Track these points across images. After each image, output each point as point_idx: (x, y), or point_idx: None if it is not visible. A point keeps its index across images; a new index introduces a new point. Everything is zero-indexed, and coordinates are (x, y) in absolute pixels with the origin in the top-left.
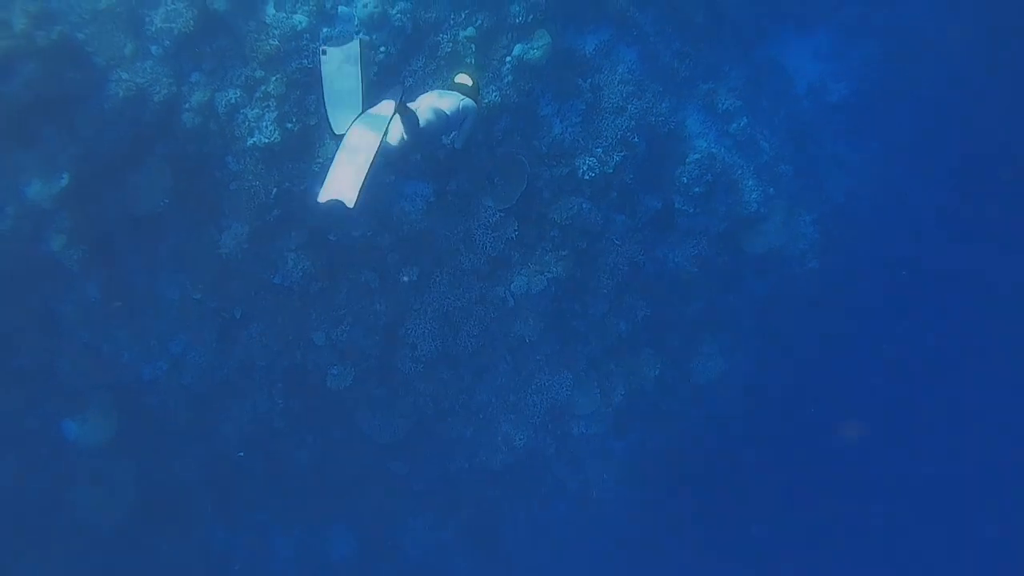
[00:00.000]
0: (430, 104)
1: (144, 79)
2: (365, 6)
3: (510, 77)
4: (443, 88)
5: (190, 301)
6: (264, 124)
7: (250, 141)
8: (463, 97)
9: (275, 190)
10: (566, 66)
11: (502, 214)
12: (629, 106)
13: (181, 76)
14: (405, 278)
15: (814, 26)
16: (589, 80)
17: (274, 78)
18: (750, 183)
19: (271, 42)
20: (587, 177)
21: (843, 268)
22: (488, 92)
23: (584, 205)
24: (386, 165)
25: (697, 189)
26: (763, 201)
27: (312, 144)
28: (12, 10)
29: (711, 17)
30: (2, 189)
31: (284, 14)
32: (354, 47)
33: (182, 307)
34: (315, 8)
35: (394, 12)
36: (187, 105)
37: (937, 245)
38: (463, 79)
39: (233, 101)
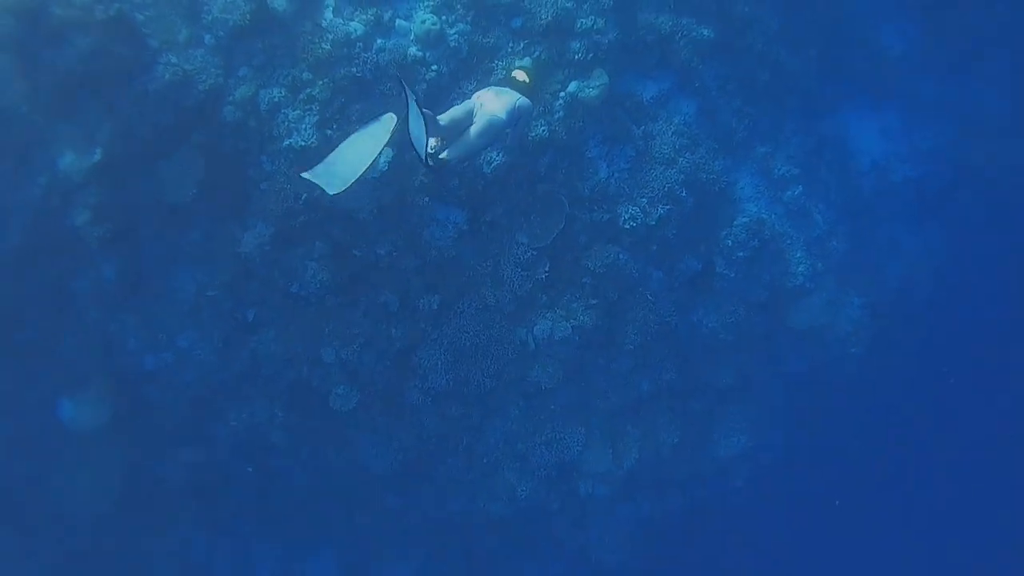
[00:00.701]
0: (487, 109)
1: (192, 66)
2: (423, 22)
3: (561, 113)
4: (499, 85)
5: (204, 297)
6: (304, 127)
7: (287, 142)
8: (519, 96)
9: (304, 196)
10: (621, 109)
11: (535, 253)
12: (681, 159)
13: (229, 68)
14: (426, 305)
15: (884, 103)
16: (643, 127)
17: (321, 82)
18: (798, 254)
19: (323, 46)
20: (628, 226)
21: (888, 361)
22: (536, 126)
23: (621, 255)
24: (420, 189)
25: (741, 253)
26: (810, 275)
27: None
28: None
29: (776, 78)
30: (38, 158)
31: (341, 20)
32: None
33: (195, 302)
34: (373, 18)
35: (452, 32)
36: (231, 98)
37: (994, 357)
38: (519, 75)
39: (276, 100)
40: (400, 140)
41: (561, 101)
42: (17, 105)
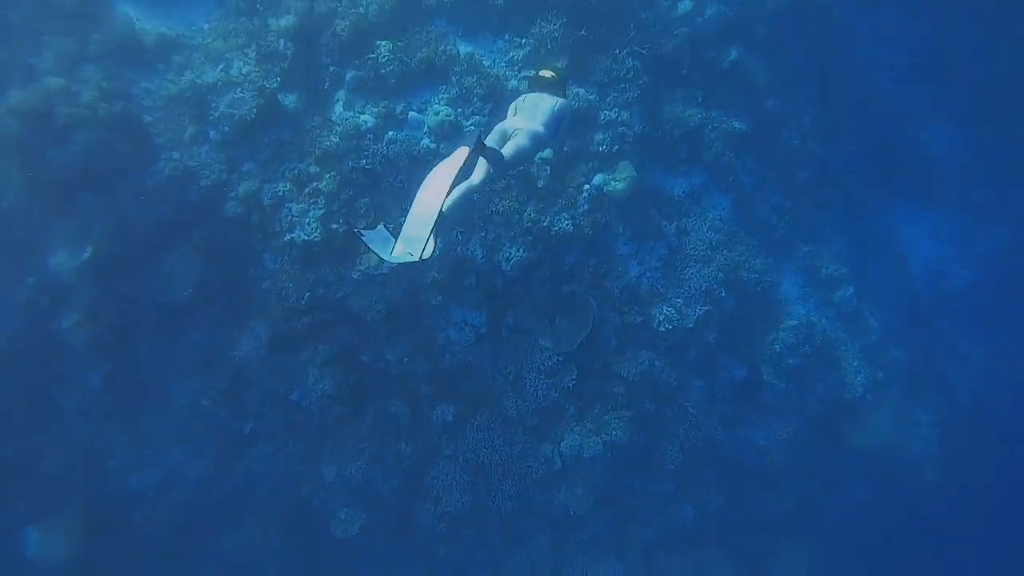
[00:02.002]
0: (525, 126)
1: (196, 162)
2: (437, 114)
3: (586, 207)
4: (528, 90)
5: (198, 407)
6: (307, 220)
7: (289, 236)
8: (556, 99)
9: (308, 294)
10: (650, 204)
11: (561, 359)
12: (718, 256)
13: (234, 163)
14: (440, 417)
15: (934, 204)
16: (675, 223)
17: (328, 175)
18: (855, 363)
19: (331, 139)
20: (663, 330)
21: (968, 489)
22: (559, 219)
23: (657, 362)
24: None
25: (791, 361)
26: (870, 387)
27: (355, 250)
28: (87, 83)
29: (815, 174)
30: (32, 256)
31: (352, 113)
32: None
33: (188, 413)
34: (384, 110)
35: (468, 124)
36: (233, 193)
37: None
38: (547, 73)
39: (280, 194)
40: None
41: (586, 194)
42: (16, 204)
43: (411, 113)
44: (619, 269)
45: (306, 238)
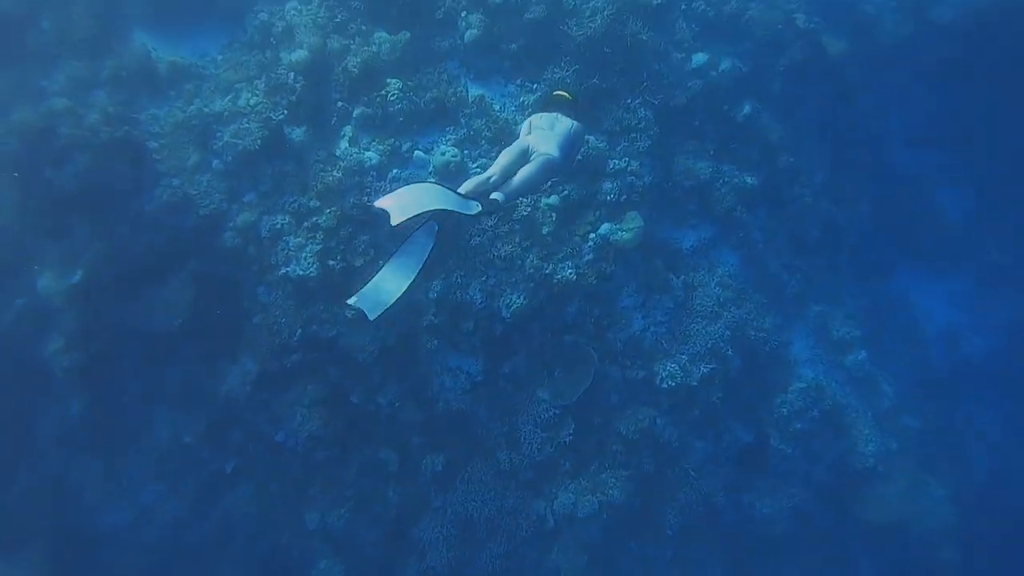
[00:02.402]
0: (541, 150)
1: (196, 190)
2: (443, 154)
3: (591, 256)
4: (543, 110)
5: (179, 443)
6: (304, 255)
7: (284, 270)
8: (571, 122)
9: (300, 331)
10: (657, 257)
11: (558, 412)
12: (726, 313)
13: (235, 194)
14: (429, 466)
15: (949, 269)
16: (683, 277)
17: (328, 210)
18: (866, 431)
19: (334, 174)
20: (666, 387)
21: (986, 571)
22: (563, 267)
23: (658, 420)
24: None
25: (799, 425)
26: (882, 456)
27: (352, 289)
28: (92, 106)
29: (828, 234)
30: (20, 278)
31: (357, 149)
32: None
33: (168, 448)
34: (390, 148)
35: (474, 166)
36: (232, 224)
37: None
38: (562, 94)
39: (279, 227)
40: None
41: (591, 243)
42: (9, 223)
43: (417, 152)
44: (623, 322)
45: (302, 273)
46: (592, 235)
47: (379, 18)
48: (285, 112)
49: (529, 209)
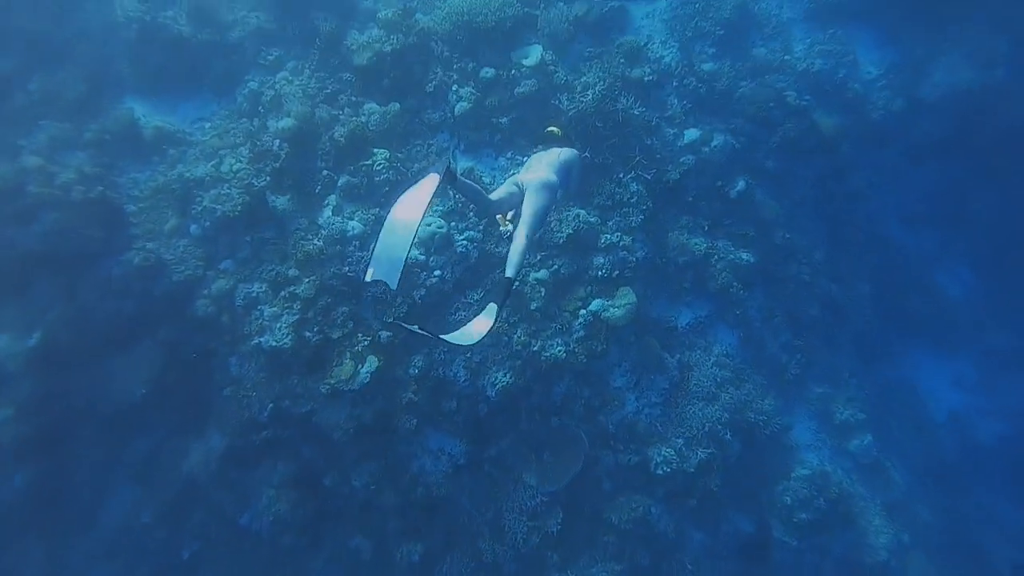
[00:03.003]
0: (534, 177)
1: (172, 255)
2: (429, 225)
3: (581, 333)
4: (536, 150)
5: (133, 523)
6: (279, 325)
7: (257, 340)
8: (562, 149)
9: (271, 406)
10: (651, 334)
11: (546, 499)
12: (724, 395)
13: (211, 260)
14: (406, 556)
15: (954, 350)
16: (678, 356)
17: (307, 280)
18: (876, 521)
19: (315, 242)
20: (661, 472)
21: None
22: (552, 345)
23: (653, 509)
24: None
25: (804, 515)
26: (895, 550)
27: (327, 362)
28: (68, 164)
29: (829, 313)
30: None
31: (340, 218)
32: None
33: (123, 529)
34: (374, 218)
35: (460, 238)
36: (206, 291)
37: None
38: (553, 129)
39: (255, 295)
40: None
41: (581, 320)
42: None
43: None
44: (615, 403)
45: (275, 344)
46: (583, 311)
47: (370, 90)
48: (268, 179)
49: (517, 284)
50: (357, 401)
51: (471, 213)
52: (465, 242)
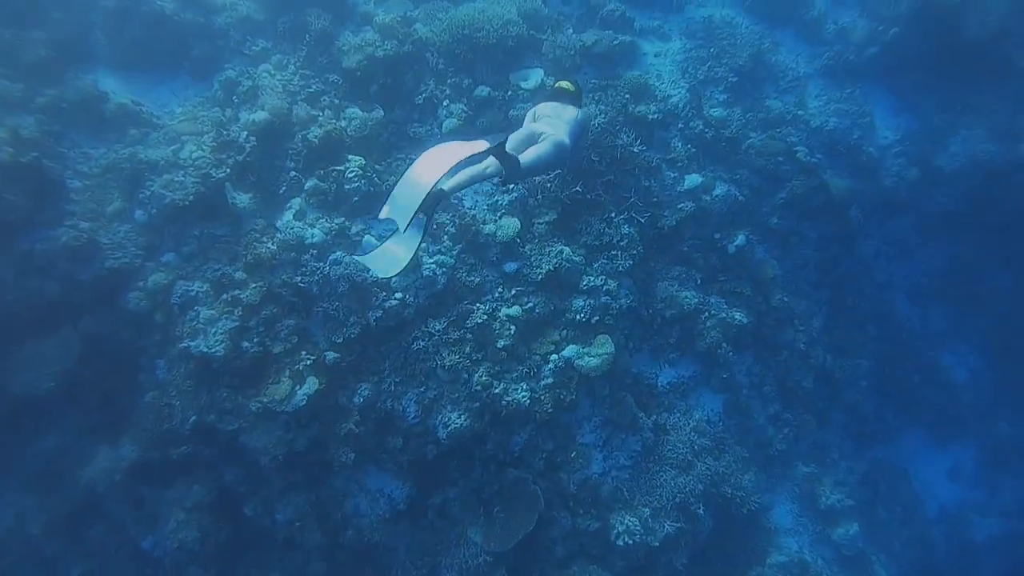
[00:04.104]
0: (551, 133)
1: (109, 240)
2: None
3: (550, 380)
4: (546, 99)
5: (21, 534)
6: (214, 331)
7: (187, 343)
8: (577, 109)
9: (194, 418)
10: (627, 390)
11: (490, 560)
12: (700, 464)
13: (153, 251)
14: None
15: (953, 438)
16: (654, 417)
17: (254, 285)
18: None
19: (269, 245)
20: (622, 544)
21: None
22: (516, 389)
23: None
24: None
25: None
26: None
27: (263, 378)
28: (3, 125)
29: (823, 387)
30: None
31: (300, 224)
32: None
33: (6, 539)
34: (337, 228)
35: (429, 261)
36: (142, 283)
37: None
38: (565, 85)
39: (193, 294)
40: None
41: (552, 365)
42: None
43: (367, 237)
44: (579, 461)
45: (206, 351)
46: (554, 356)
47: (356, 95)
48: (228, 171)
49: (485, 317)
50: (291, 425)
51: (445, 236)
52: (434, 266)
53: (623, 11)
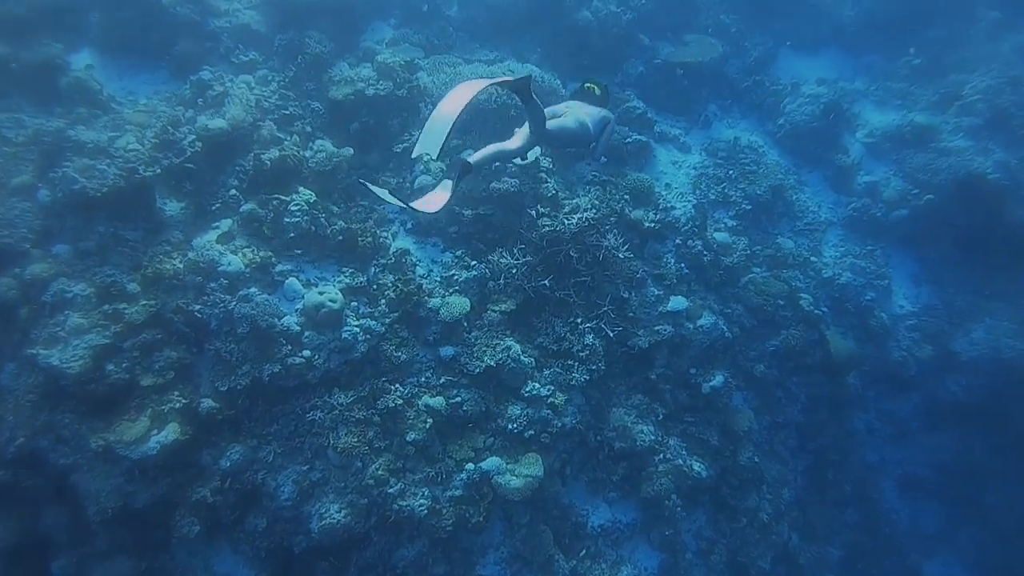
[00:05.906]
0: (580, 111)
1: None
2: (321, 294)
3: (459, 492)
4: (571, 97)
5: None
6: (76, 343)
7: (42, 351)
8: (600, 110)
9: (22, 440)
10: (548, 523)
11: None
12: None
13: (45, 237)
14: None
15: None
16: (574, 562)
17: (144, 302)
18: None
19: (175, 262)
20: None
21: None
22: (416, 494)
23: None
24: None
25: None
26: None
27: (118, 411)
28: None
29: (782, 572)
30: None
31: (219, 248)
32: None
33: None
34: (260, 261)
35: (354, 323)
36: (18, 271)
37: None
38: (590, 88)
39: (70, 296)
40: None
41: (466, 475)
42: None
43: (291, 279)
44: None
45: (58, 364)
46: (471, 466)
47: (334, 129)
48: (158, 171)
49: (401, 402)
50: (135, 475)
51: (383, 301)
52: (358, 329)
53: (644, 111)
